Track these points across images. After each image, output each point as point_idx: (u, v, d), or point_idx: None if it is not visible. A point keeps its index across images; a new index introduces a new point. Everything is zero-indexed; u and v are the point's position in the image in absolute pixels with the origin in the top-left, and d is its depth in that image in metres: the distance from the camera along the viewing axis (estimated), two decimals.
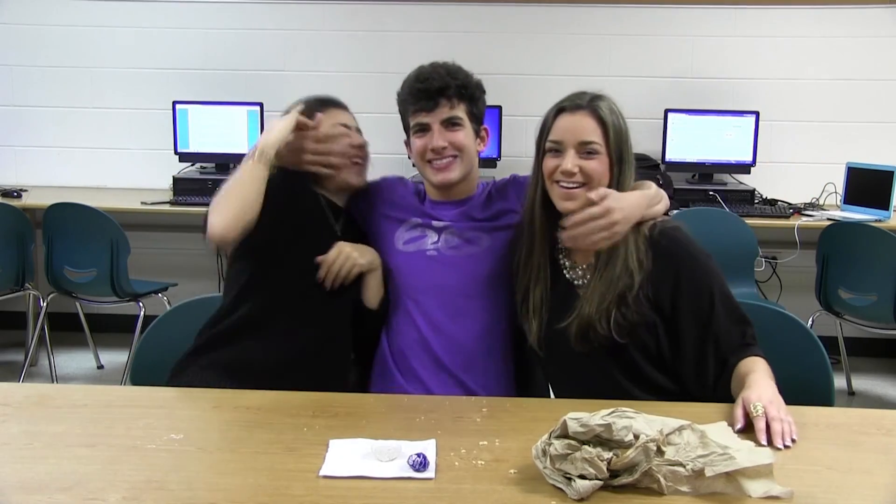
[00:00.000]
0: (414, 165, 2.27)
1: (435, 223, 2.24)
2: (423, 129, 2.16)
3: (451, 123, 2.15)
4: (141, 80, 5.15)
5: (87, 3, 5.12)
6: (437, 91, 2.13)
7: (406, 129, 2.24)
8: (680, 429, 1.47)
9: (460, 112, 2.16)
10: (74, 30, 5.15)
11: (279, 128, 2.16)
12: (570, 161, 1.92)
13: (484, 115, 2.27)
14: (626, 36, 5.04)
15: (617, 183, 1.95)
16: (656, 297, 1.92)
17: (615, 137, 1.95)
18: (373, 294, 2.24)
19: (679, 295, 1.91)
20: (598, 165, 1.93)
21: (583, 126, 1.95)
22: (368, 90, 5.09)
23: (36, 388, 1.96)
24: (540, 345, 2.02)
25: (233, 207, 2.05)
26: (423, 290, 2.19)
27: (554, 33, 5.04)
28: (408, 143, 2.25)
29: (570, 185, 1.93)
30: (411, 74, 2.20)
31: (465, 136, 2.17)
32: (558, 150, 1.95)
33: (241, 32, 5.14)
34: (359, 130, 2.36)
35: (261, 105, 4.93)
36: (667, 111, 4.84)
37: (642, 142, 4.81)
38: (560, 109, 1.99)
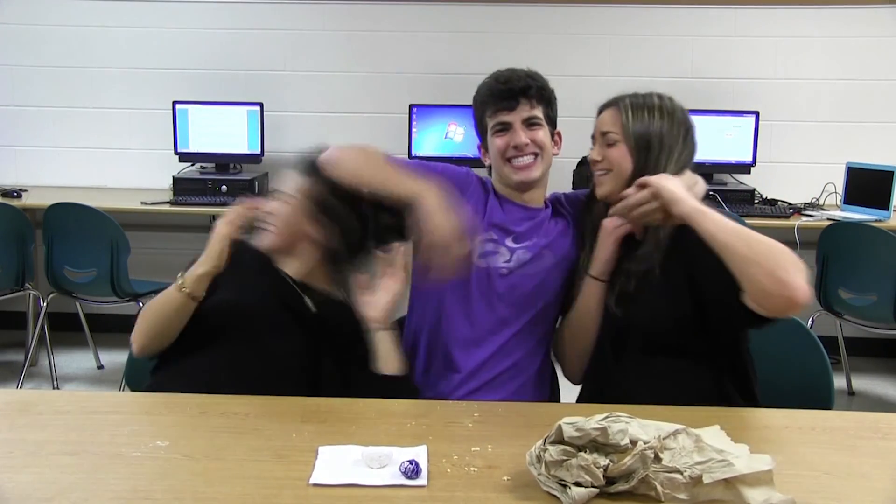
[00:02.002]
0: (486, 166, 2.29)
1: (508, 243, 2.23)
2: (505, 127, 2.19)
3: (531, 123, 2.19)
4: (141, 80, 5.15)
5: (87, 3, 5.12)
6: (519, 91, 2.18)
7: (482, 132, 2.27)
8: (675, 433, 1.46)
9: (539, 113, 2.21)
10: (74, 30, 5.15)
11: (202, 261, 2.06)
12: (597, 151, 2.11)
13: (557, 119, 2.31)
14: (626, 36, 5.03)
15: (642, 169, 2.05)
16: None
17: (635, 128, 2.07)
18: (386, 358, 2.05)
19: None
20: (617, 153, 2.07)
21: (604, 119, 2.12)
22: (368, 90, 5.12)
23: (17, 395, 1.95)
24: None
25: (151, 329, 2.03)
26: (484, 301, 2.21)
27: (554, 33, 5.03)
28: (482, 147, 2.29)
29: (599, 172, 2.11)
30: (489, 78, 2.25)
31: (544, 135, 2.22)
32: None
33: (241, 32, 5.13)
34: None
35: (261, 105, 4.93)
36: None
37: None
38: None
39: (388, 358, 2.03)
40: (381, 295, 2.05)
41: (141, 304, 4.29)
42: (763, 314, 1.80)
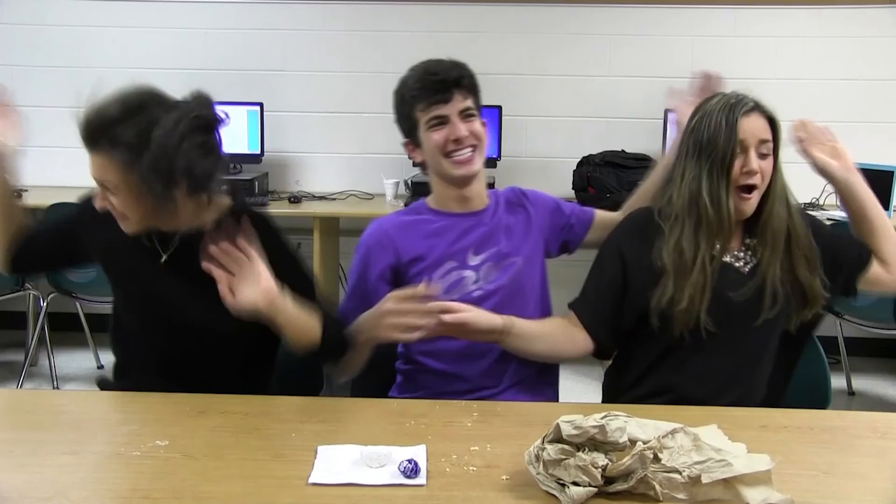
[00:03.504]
0: (416, 165, 2.22)
1: (470, 261, 2.16)
2: (442, 121, 2.11)
3: (467, 114, 2.13)
4: (141, 80, 5.11)
5: (87, 3, 5.12)
6: (452, 82, 2.11)
7: (411, 128, 2.17)
8: (673, 432, 1.46)
9: (472, 103, 2.15)
10: (74, 30, 5.15)
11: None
12: (755, 161, 1.99)
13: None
14: (626, 36, 5.02)
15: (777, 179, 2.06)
16: None
17: (780, 137, 2.07)
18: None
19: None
20: (768, 166, 2.04)
21: (759, 126, 2.02)
22: (368, 90, 5.11)
23: (17, 395, 1.94)
24: (705, 323, 2.00)
25: None
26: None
27: (554, 33, 5.03)
28: (410, 144, 2.20)
29: (750, 184, 2.00)
30: (417, 70, 2.17)
31: (479, 126, 2.16)
32: (741, 151, 2.00)
33: (241, 32, 5.13)
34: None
35: (261, 105, 4.93)
36: (667, 111, 4.81)
37: (642, 142, 4.82)
38: (738, 112, 2.02)
39: (297, 335, 1.89)
40: (245, 289, 1.77)
41: None
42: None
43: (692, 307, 1.97)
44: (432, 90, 2.10)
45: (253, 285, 1.76)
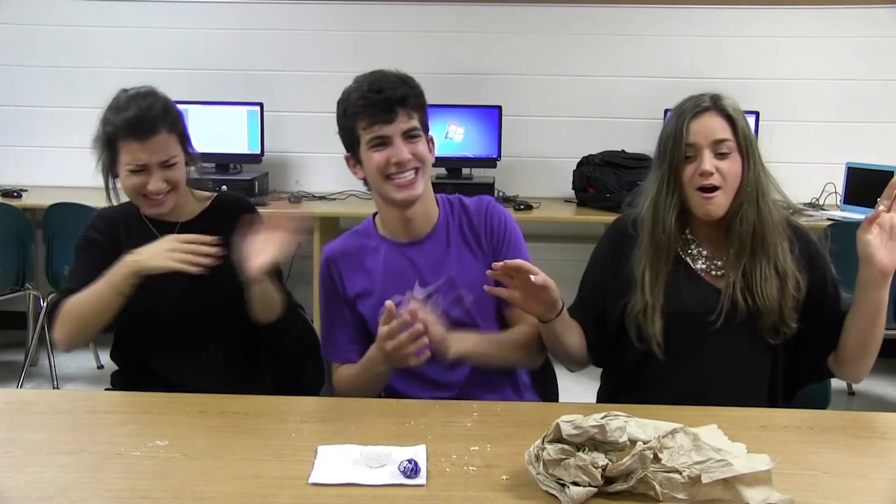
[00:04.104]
0: (364, 183, 2.10)
1: (417, 292, 1.99)
2: (383, 142, 2.00)
3: (410, 135, 2.01)
4: (141, 80, 5.09)
5: (87, 3, 5.12)
6: (396, 101, 1.99)
7: (352, 143, 2.06)
8: (672, 432, 1.46)
9: (416, 122, 2.03)
10: (74, 30, 5.15)
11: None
12: (708, 162, 1.92)
13: (428, 124, 2.13)
14: (626, 36, 5.03)
15: (747, 184, 1.96)
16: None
17: (747, 135, 1.96)
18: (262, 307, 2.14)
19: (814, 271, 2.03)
20: (733, 165, 1.94)
21: (713, 125, 1.95)
22: None
23: (17, 395, 1.94)
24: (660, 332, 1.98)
25: (82, 327, 2.09)
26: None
27: (554, 33, 5.03)
28: (351, 159, 2.09)
29: (707, 189, 1.93)
30: (359, 83, 2.04)
31: (423, 146, 2.04)
32: (694, 154, 1.95)
33: (241, 32, 5.13)
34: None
35: (261, 105, 4.93)
36: (667, 111, 4.81)
37: (642, 142, 4.81)
38: (687, 115, 1.97)
39: (265, 307, 2.12)
40: (261, 255, 1.96)
41: None
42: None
43: (649, 318, 1.96)
44: (376, 108, 1.98)
45: (261, 254, 1.96)
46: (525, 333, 2.09)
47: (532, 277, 1.81)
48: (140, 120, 2.08)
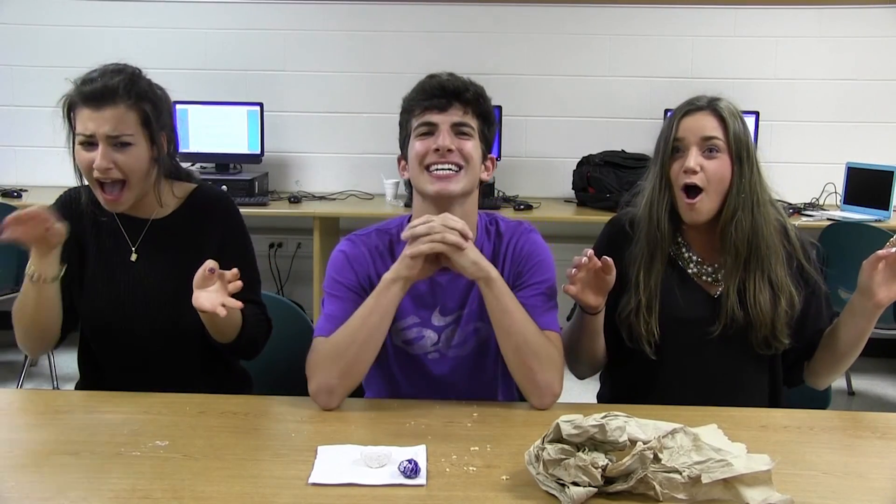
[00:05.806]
0: (407, 185, 2.02)
1: (434, 321, 1.96)
2: (430, 129, 1.88)
3: (461, 131, 1.89)
4: None
5: (87, 3, 5.12)
6: (453, 91, 1.88)
7: (404, 139, 1.96)
8: (672, 432, 1.46)
9: (472, 122, 1.90)
10: (74, 30, 5.15)
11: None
12: (693, 159, 1.92)
13: (493, 144, 2.01)
14: (626, 36, 5.03)
15: (737, 187, 1.94)
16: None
17: (737, 135, 1.94)
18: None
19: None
20: (720, 165, 1.93)
21: (703, 123, 1.94)
22: (368, 90, 5.11)
23: (17, 395, 1.94)
24: (658, 337, 1.97)
25: (30, 331, 2.03)
26: (424, 381, 1.99)
27: (554, 33, 5.03)
28: (401, 158, 1.99)
29: (689, 183, 1.92)
30: (426, 78, 1.96)
31: (474, 148, 1.90)
32: (680, 148, 1.96)
33: (241, 32, 5.13)
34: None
35: (261, 105, 4.93)
36: (667, 111, 4.82)
37: (642, 142, 4.81)
38: (681, 112, 1.98)
39: (215, 332, 1.94)
40: (205, 297, 1.78)
41: None
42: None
43: (641, 318, 1.96)
44: (429, 95, 1.89)
45: (213, 294, 1.78)
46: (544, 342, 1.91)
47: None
48: (98, 87, 1.92)
